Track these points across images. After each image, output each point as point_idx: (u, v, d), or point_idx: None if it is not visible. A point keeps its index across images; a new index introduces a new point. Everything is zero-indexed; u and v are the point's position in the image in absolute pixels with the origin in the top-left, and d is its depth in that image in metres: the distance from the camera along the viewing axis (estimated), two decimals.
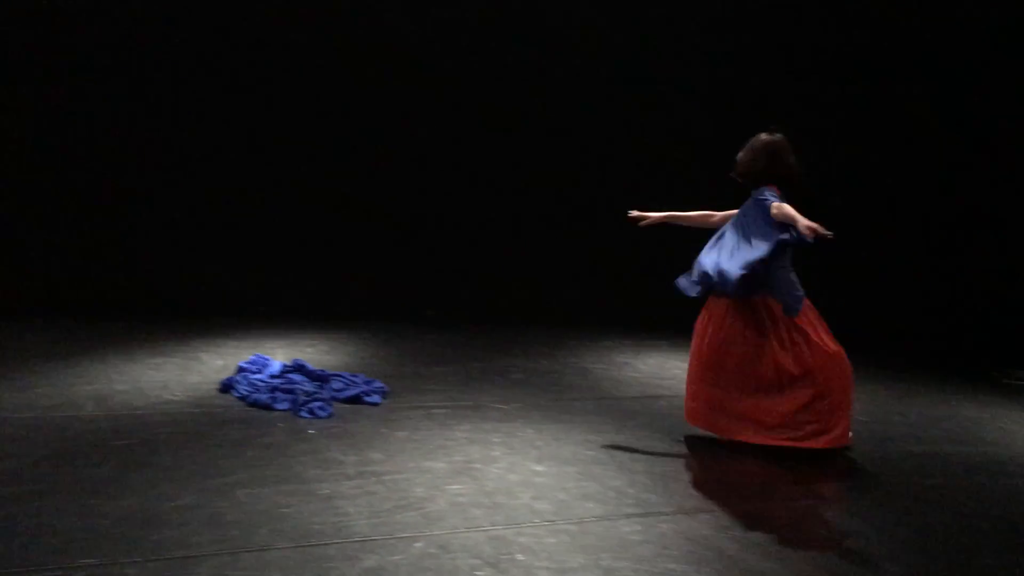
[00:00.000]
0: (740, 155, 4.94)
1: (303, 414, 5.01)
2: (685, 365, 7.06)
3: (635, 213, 5.34)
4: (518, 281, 9.41)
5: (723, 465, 4.50)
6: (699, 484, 4.18)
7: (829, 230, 4.32)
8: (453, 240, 9.34)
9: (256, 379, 5.55)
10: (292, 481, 3.96)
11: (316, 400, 5.16)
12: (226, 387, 5.48)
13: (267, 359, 6.02)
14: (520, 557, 3.25)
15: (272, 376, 5.67)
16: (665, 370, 6.90)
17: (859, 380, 6.77)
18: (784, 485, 4.24)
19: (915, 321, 9.45)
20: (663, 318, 9.06)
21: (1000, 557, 3.50)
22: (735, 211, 5.05)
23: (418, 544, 3.33)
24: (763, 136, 4.91)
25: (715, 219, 5.22)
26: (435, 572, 3.10)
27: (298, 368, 5.82)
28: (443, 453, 4.47)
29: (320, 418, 4.98)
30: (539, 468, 4.30)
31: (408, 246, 9.26)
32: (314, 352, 6.81)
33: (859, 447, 4.96)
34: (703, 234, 5.21)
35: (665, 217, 5.31)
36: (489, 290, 9.35)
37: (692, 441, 4.90)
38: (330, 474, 4.07)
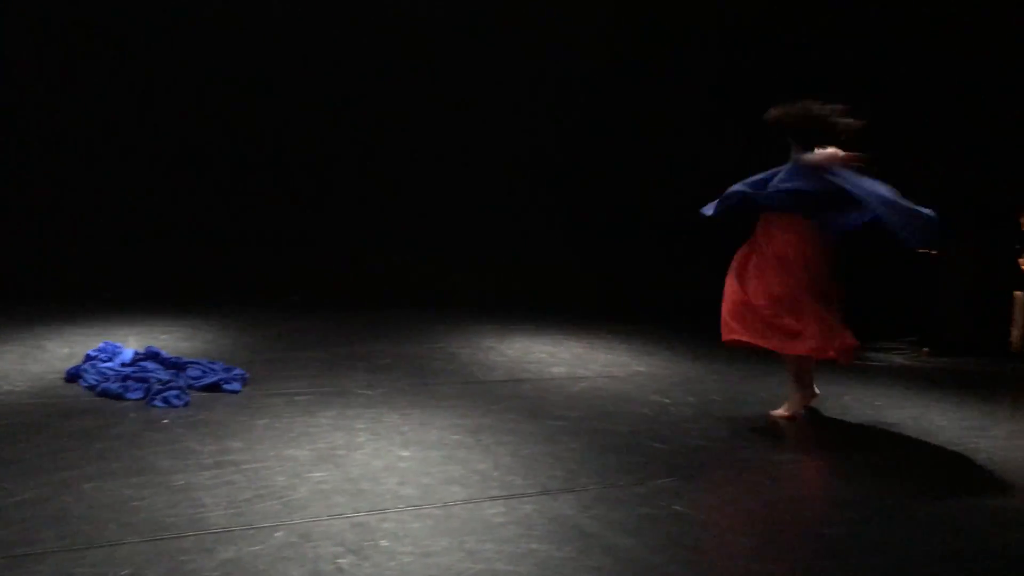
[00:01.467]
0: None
1: (157, 403, 4.81)
2: (550, 349, 7.20)
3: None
4: (384, 266, 9.33)
5: (585, 447, 4.59)
6: (563, 466, 4.25)
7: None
8: (317, 223, 9.17)
9: (106, 368, 5.29)
10: (144, 473, 3.79)
11: (171, 388, 4.96)
12: (72, 376, 5.21)
13: (118, 346, 5.75)
14: (384, 543, 3.23)
15: (124, 364, 5.43)
16: (530, 353, 6.98)
17: (713, 363, 7.05)
18: (645, 464, 4.36)
19: None
20: (529, 302, 9.19)
21: (840, 528, 3.70)
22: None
23: (279, 533, 3.25)
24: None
25: None
26: (296, 561, 3.03)
27: (152, 356, 5.59)
28: (306, 440, 4.38)
29: (175, 407, 4.80)
30: (404, 453, 4.28)
31: (272, 229, 9.02)
32: (170, 339, 6.55)
33: (715, 425, 5.15)
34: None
35: None
36: (355, 274, 9.23)
37: (556, 423, 4.98)
38: (186, 464, 3.93)
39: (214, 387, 5.20)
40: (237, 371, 5.50)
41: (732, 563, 3.25)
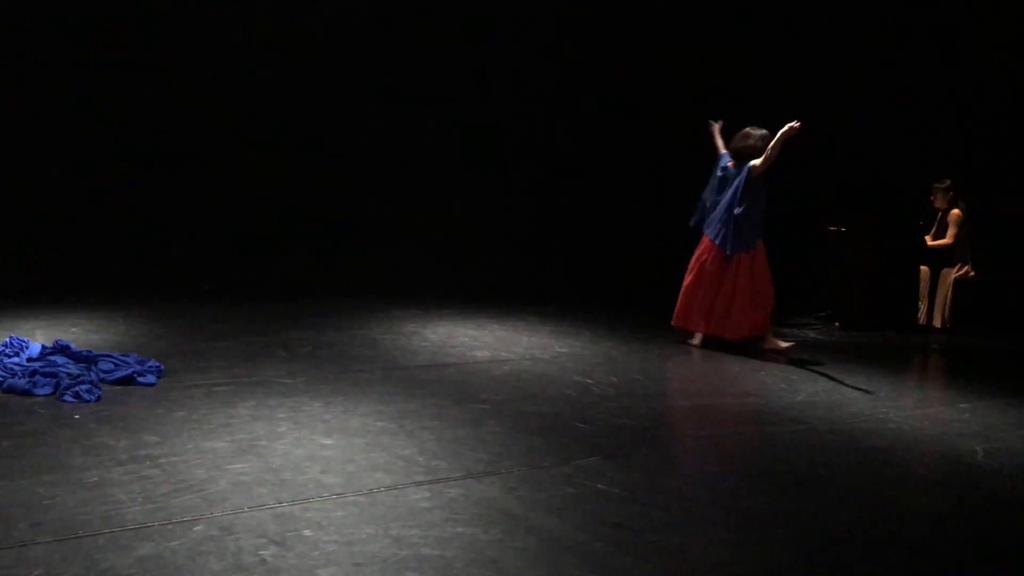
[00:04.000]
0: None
1: (67, 398, 4.65)
2: (473, 333, 7.20)
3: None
4: (303, 252, 9.19)
5: (510, 429, 4.61)
6: (487, 449, 4.25)
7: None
8: (228, 213, 8.97)
9: (12, 363, 5.09)
10: (56, 470, 3.67)
11: (82, 383, 4.80)
12: None
13: (24, 340, 5.53)
14: (307, 532, 3.19)
15: (31, 359, 5.23)
16: (454, 338, 6.97)
17: (628, 343, 7.15)
18: (569, 444, 4.40)
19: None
20: (452, 287, 9.17)
21: (759, 499, 3.80)
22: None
23: (198, 527, 3.18)
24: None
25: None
26: (217, 555, 2.98)
27: (61, 349, 5.40)
28: (225, 432, 4.29)
29: (87, 402, 4.65)
30: (327, 441, 4.23)
31: (178, 219, 8.80)
32: (80, 332, 6.35)
33: (636, 404, 5.23)
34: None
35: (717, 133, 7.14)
36: (272, 262, 9.07)
37: (480, 407, 4.99)
38: (99, 460, 3.81)
39: (128, 380, 5.05)
40: (151, 363, 5.35)
41: (655, 538, 3.30)
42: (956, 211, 8.38)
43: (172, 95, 8.72)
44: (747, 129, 6.88)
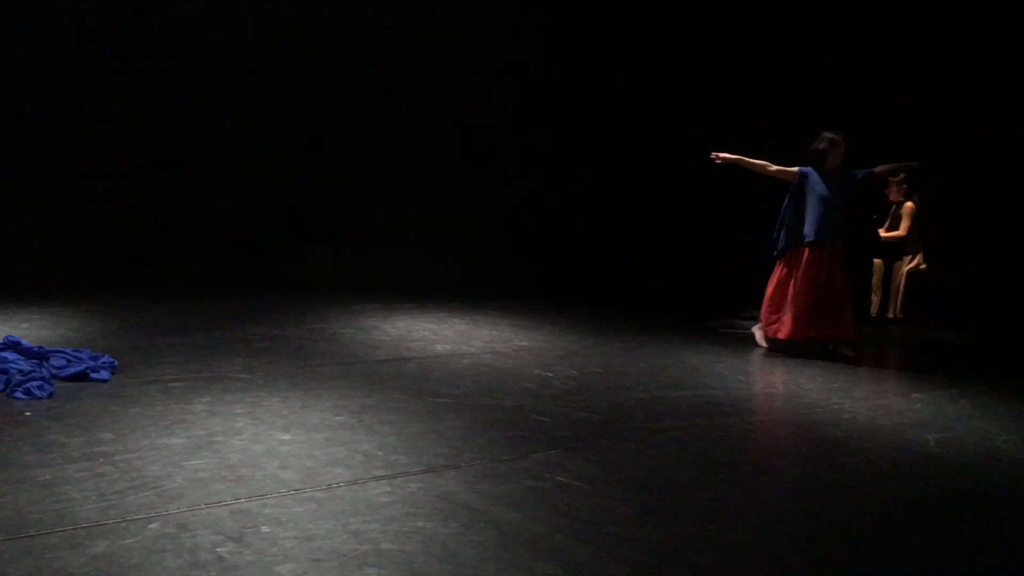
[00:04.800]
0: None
1: (18, 395, 4.56)
2: (433, 327, 7.19)
3: (717, 155, 6.92)
4: (261, 247, 9.10)
5: (470, 423, 4.61)
6: (448, 443, 4.25)
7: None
8: (186, 207, 8.86)
9: None
10: (6, 468, 3.59)
11: (33, 379, 4.71)
12: None
13: None
14: (265, 529, 3.16)
15: None
16: (414, 332, 6.94)
17: (595, 337, 7.19)
18: (529, 438, 4.41)
19: (644, 281, 10.17)
20: (412, 280, 9.14)
21: (716, 490, 3.84)
22: (793, 168, 6.87)
23: (153, 525, 3.14)
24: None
25: (771, 169, 6.93)
26: (173, 553, 2.93)
27: (11, 345, 5.29)
28: (181, 428, 4.24)
29: (39, 399, 4.56)
30: (286, 437, 4.19)
31: (138, 213, 8.67)
32: (31, 328, 6.22)
33: (596, 397, 5.26)
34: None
35: (736, 159, 6.92)
36: (229, 257, 8.97)
37: (440, 401, 4.98)
38: (51, 458, 3.74)
39: (81, 376, 4.96)
40: (105, 359, 5.26)
41: (614, 530, 3.32)
42: (910, 204, 8.53)
43: (141, 88, 8.57)
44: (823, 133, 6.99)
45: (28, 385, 4.63)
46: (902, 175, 8.54)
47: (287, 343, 6.27)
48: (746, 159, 6.94)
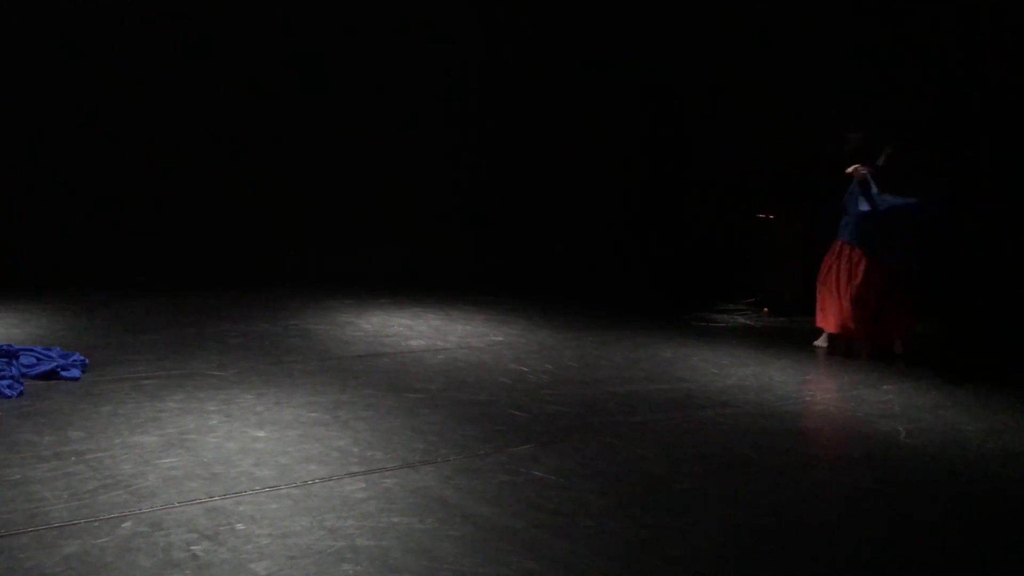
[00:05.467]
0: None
1: None
2: (408, 322, 7.18)
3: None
4: (235, 243, 9.03)
5: (445, 418, 4.61)
6: (423, 438, 4.25)
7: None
8: (161, 204, 8.77)
9: None
10: None
11: (3, 378, 4.66)
12: None
13: None
14: (240, 526, 3.15)
15: None
16: (388, 327, 6.93)
17: (569, 331, 7.20)
18: (504, 432, 4.42)
19: (620, 275, 10.21)
20: (385, 276, 9.11)
21: (690, 482, 3.87)
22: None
23: (126, 524, 3.12)
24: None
25: None
26: (146, 552, 2.92)
27: None
28: (154, 426, 4.20)
29: (9, 397, 4.51)
30: (260, 434, 4.17)
31: (112, 210, 8.57)
32: (0, 326, 6.14)
33: (571, 391, 5.27)
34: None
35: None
36: (202, 253, 8.90)
37: (415, 396, 4.97)
38: (21, 457, 3.70)
39: (51, 375, 4.91)
40: (75, 357, 5.20)
41: (589, 523, 3.34)
42: None
43: (102, 83, 8.47)
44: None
45: None
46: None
47: (260, 339, 6.23)
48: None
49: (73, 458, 3.72)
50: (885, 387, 5.82)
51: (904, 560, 3.23)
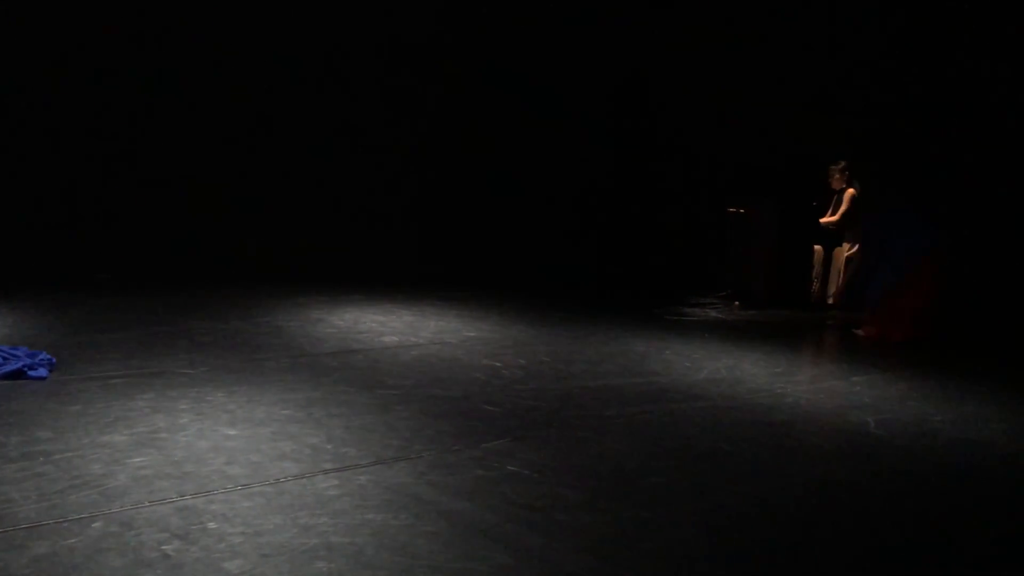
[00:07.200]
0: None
1: None
2: (381, 318, 7.14)
3: None
4: (205, 240, 8.95)
5: (419, 414, 4.59)
6: (397, 434, 4.23)
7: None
8: (128, 200, 8.67)
9: None
10: None
11: None
12: None
13: None
14: (212, 525, 3.12)
15: None
16: (361, 323, 6.90)
17: (542, 326, 7.21)
18: (478, 428, 4.41)
19: (591, 270, 10.23)
20: (359, 271, 9.07)
21: (664, 475, 3.89)
22: None
23: (96, 524, 3.08)
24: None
25: None
26: (117, 552, 2.88)
27: None
28: (123, 425, 4.15)
29: None
30: (231, 432, 4.14)
31: (75, 207, 8.46)
32: None
33: (545, 385, 5.28)
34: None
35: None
36: (171, 250, 8.81)
37: (389, 392, 4.95)
38: None
39: (18, 374, 4.84)
40: (42, 356, 5.13)
41: (564, 517, 3.35)
42: (851, 191, 8.70)
43: (62, 80, 8.36)
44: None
45: None
46: (843, 163, 8.70)
47: (231, 336, 6.18)
48: None
49: (41, 458, 3.67)
50: (854, 379, 5.88)
51: (875, 549, 3.27)
